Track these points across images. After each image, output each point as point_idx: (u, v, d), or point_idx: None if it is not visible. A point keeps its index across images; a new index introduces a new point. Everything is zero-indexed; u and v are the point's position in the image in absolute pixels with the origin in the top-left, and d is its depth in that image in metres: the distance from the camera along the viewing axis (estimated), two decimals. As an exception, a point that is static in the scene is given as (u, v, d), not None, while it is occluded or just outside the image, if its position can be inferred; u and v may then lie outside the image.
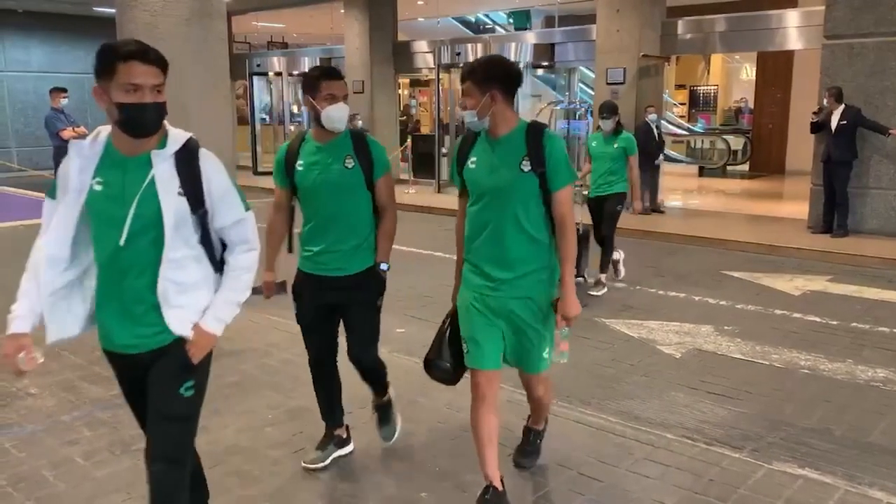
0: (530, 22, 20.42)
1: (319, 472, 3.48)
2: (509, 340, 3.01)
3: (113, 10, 6.26)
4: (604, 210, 6.98)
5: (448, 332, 3.15)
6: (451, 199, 5.35)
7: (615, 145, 6.90)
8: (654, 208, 11.53)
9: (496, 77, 2.86)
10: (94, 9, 17.59)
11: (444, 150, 14.71)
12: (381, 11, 15.69)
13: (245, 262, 2.42)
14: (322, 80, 3.18)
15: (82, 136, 2.37)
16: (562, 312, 2.93)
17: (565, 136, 14.16)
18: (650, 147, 11.26)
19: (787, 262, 8.46)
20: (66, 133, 10.35)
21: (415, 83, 22.52)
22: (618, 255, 7.34)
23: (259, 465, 3.55)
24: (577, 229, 5.96)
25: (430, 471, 3.52)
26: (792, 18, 11.24)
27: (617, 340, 5.61)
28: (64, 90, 10.74)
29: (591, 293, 6.89)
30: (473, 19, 21.38)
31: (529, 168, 2.83)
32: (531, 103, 14.26)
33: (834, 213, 9.55)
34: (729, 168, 17.30)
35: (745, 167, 17.60)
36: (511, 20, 20.86)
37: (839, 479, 3.47)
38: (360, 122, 13.28)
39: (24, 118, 18.55)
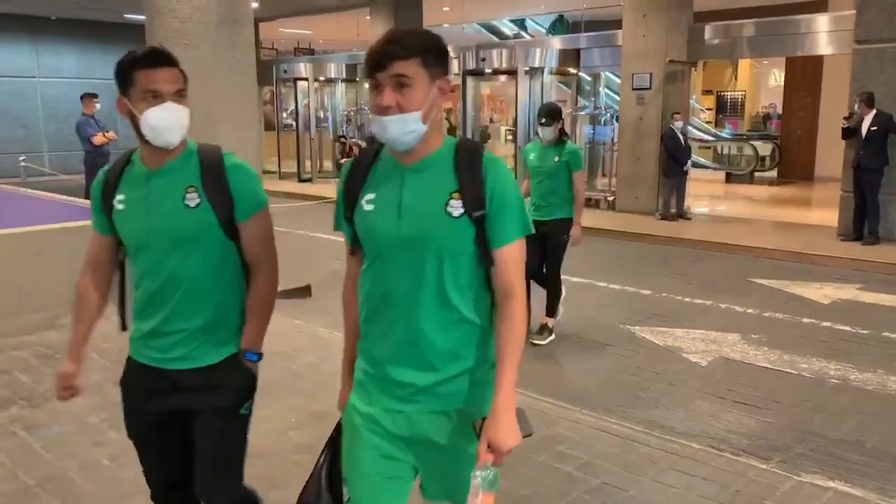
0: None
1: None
2: (429, 474, 1.92)
3: (143, 17, 6.36)
4: (546, 241, 5.65)
5: (329, 460, 2.02)
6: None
7: (556, 158, 5.55)
8: (681, 214, 11.44)
9: (443, 56, 1.81)
10: (125, 15, 17.88)
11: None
12: (407, 18, 15.77)
13: None
14: (137, 68, 2.02)
15: (113, 141, 2.30)
16: (490, 440, 1.72)
17: (589, 142, 14.12)
18: (678, 154, 11.20)
19: (816, 269, 8.33)
20: (98, 138, 10.52)
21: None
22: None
23: (282, 469, 3.56)
24: None
25: (453, 477, 3.51)
26: (822, 23, 11.09)
27: (642, 348, 5.56)
28: (95, 96, 10.91)
29: (535, 342, 5.65)
30: (511, 34, 21.22)
31: (462, 211, 1.76)
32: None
33: (864, 220, 9.39)
34: (756, 174, 17.12)
35: (773, 173, 17.40)
36: (551, 33, 20.71)
37: (870, 493, 3.40)
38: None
39: (56, 123, 18.88)
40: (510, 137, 14.22)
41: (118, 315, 2.36)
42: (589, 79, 14.48)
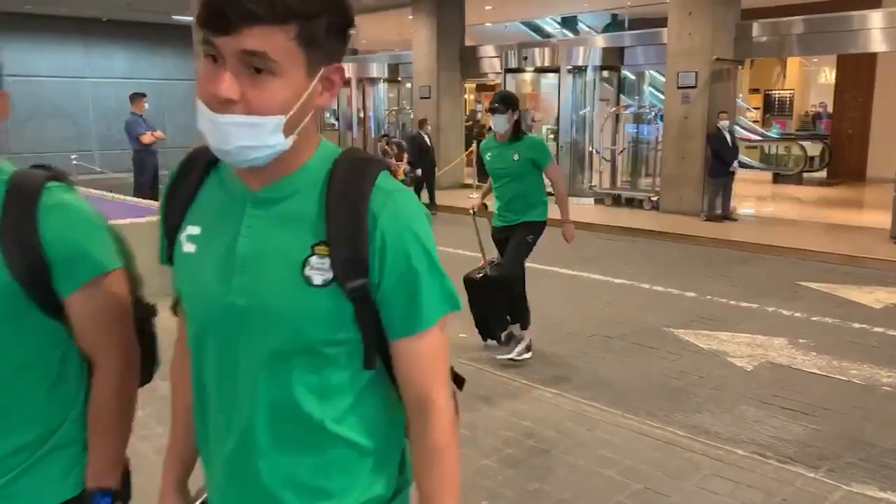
0: None
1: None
2: None
3: (190, 18, 6.46)
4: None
5: None
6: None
7: (515, 157, 4.82)
8: (727, 215, 11.24)
9: (340, 24, 1.07)
10: (173, 17, 18.22)
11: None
12: (450, 17, 15.78)
13: None
14: None
15: (161, 140, 2.20)
16: None
17: (632, 140, 13.95)
18: (724, 154, 11.02)
19: (867, 273, 8.10)
20: (146, 137, 10.76)
21: (481, 88, 22.55)
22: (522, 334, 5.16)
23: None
24: (484, 272, 4.98)
25: (493, 478, 3.49)
26: (875, 19, 10.78)
27: (685, 351, 5.47)
28: (144, 95, 11.15)
29: (512, 357, 5.07)
30: (563, 36, 20.93)
31: (328, 277, 1.08)
32: (599, 107, 14.09)
33: (919, 222, 9.11)
34: (805, 175, 16.74)
35: (823, 174, 17.00)
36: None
37: (924, 505, 3.29)
38: (429, 128, 13.35)
39: (106, 123, 19.33)
40: (552, 136, 14.15)
41: None
42: (633, 77, 14.33)
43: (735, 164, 11.26)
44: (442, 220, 11.74)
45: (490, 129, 5.12)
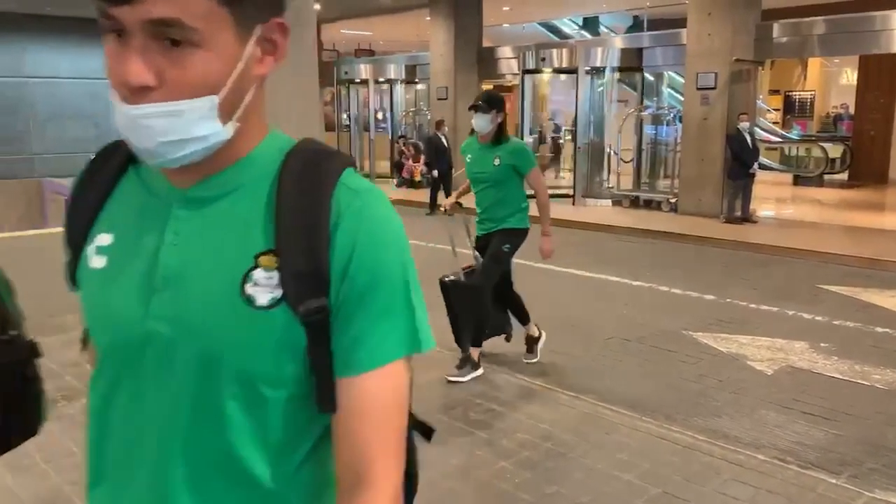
0: None
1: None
2: None
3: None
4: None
5: None
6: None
7: (496, 161, 4.57)
8: (746, 218, 11.14)
9: None
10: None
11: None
12: (467, 18, 15.78)
13: None
14: None
15: None
16: None
17: (651, 141, 13.86)
18: (745, 155, 10.93)
19: (890, 276, 8.00)
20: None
21: (498, 89, 22.56)
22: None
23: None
24: (458, 277, 4.81)
25: (511, 482, 3.48)
26: (899, 19, 10.67)
27: (704, 354, 5.42)
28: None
29: (526, 360, 5.10)
30: (581, 38, 20.95)
31: (276, 296, 0.83)
32: (617, 108, 14.01)
33: (943, 225, 8.99)
34: (826, 177, 16.56)
35: (844, 176, 16.82)
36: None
37: (949, 512, 3.24)
38: (446, 129, 13.36)
39: (125, 123, 19.55)
40: (569, 137, 14.12)
41: None
42: (652, 78, 14.26)
43: (755, 165, 11.17)
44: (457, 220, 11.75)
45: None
